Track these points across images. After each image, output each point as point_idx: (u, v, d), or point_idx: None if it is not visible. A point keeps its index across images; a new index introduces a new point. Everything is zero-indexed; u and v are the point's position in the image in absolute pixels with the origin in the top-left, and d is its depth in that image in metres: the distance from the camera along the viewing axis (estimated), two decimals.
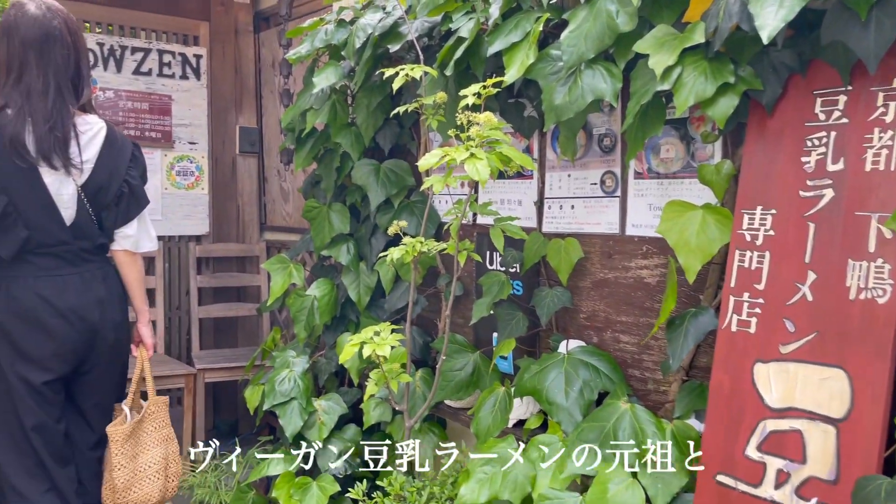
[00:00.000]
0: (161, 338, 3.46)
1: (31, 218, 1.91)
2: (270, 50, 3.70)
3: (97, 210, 2.03)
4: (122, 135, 2.11)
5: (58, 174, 1.91)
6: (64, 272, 1.98)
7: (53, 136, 1.87)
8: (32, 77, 1.87)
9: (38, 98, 1.87)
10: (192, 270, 3.59)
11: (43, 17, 1.90)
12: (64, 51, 1.92)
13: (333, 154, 2.38)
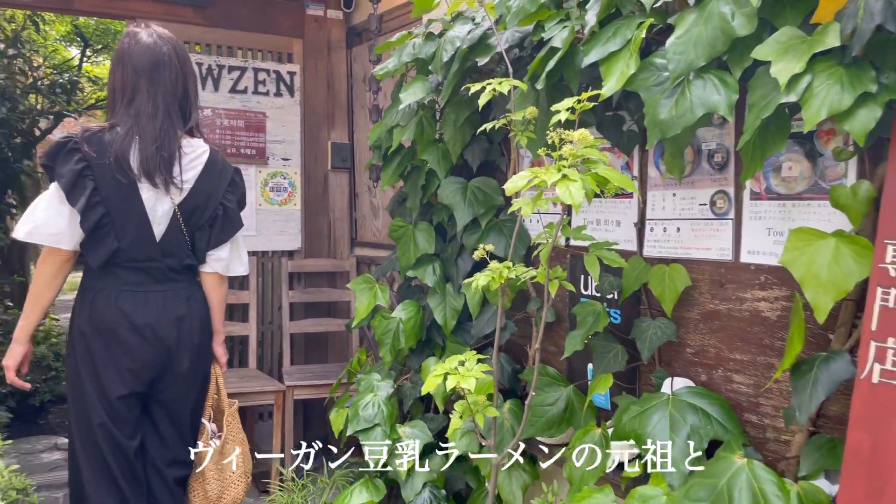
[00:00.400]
0: (254, 352, 3.49)
1: (123, 231, 1.96)
2: (362, 65, 3.69)
3: (191, 231, 2.08)
4: (224, 160, 2.15)
5: (155, 191, 1.98)
6: (148, 289, 2.02)
7: (160, 155, 1.95)
8: (143, 101, 1.96)
9: (147, 120, 1.95)
10: (285, 285, 3.60)
11: (154, 44, 1.99)
12: (172, 76, 2.00)
13: (419, 172, 2.29)
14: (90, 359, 1.98)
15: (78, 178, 1.88)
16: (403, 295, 2.46)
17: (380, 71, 2.28)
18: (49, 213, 1.91)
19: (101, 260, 1.95)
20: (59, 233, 1.92)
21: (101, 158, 1.90)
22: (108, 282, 1.99)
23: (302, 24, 3.67)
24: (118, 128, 1.93)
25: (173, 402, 2.10)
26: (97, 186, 1.90)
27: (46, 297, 2.00)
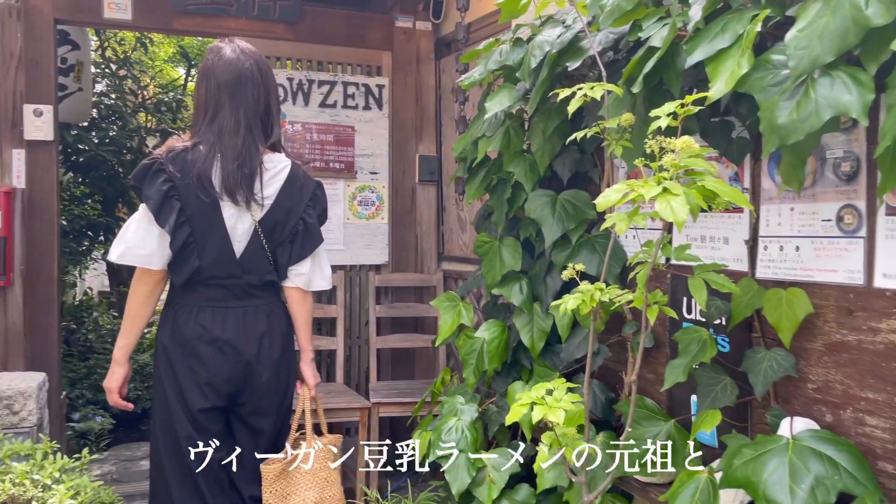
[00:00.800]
0: (341, 367, 3.46)
1: (205, 250, 1.98)
2: (450, 76, 3.62)
3: (273, 246, 2.07)
4: (305, 174, 2.14)
5: (237, 209, 1.98)
6: (228, 304, 2.02)
7: (241, 172, 1.95)
8: (225, 116, 1.96)
9: (229, 136, 1.95)
10: (372, 300, 3.56)
11: (237, 59, 1.99)
12: (255, 91, 2.00)
13: (505, 184, 2.18)
14: (172, 372, 2.00)
15: (165, 198, 1.90)
16: (488, 314, 2.35)
17: (465, 80, 2.19)
18: (139, 235, 1.94)
19: (184, 278, 1.98)
20: (149, 253, 1.94)
21: (185, 178, 1.92)
22: (190, 298, 2.01)
23: (391, 36, 3.64)
24: (201, 146, 1.94)
25: (252, 418, 2.08)
26: (183, 206, 1.92)
27: (143, 317, 2.04)
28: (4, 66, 3.02)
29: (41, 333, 3.15)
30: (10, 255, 3.03)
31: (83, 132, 5.20)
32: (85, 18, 3.19)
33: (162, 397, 2.02)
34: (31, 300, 3.13)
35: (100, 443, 4.09)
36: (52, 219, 3.15)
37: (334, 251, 3.58)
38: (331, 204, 3.54)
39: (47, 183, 3.13)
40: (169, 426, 2.00)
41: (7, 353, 3.09)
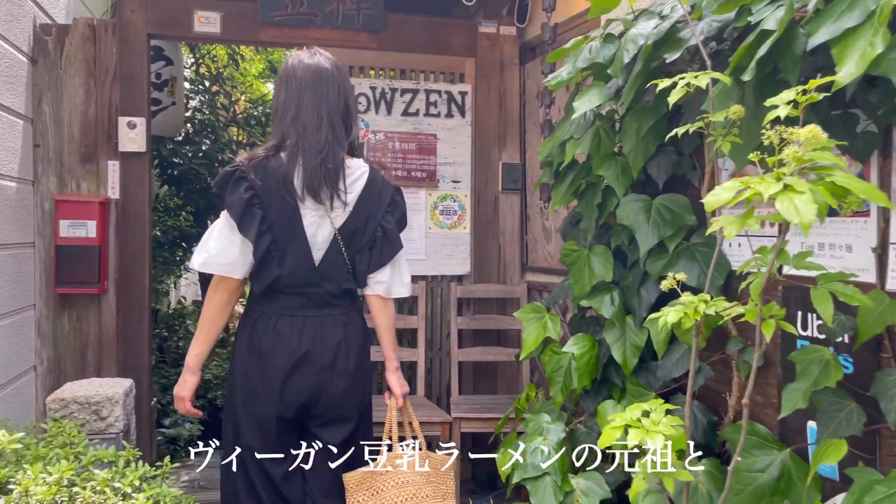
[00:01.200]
0: (422, 379, 3.39)
1: (285, 258, 1.95)
2: (535, 81, 3.51)
3: (351, 254, 2.03)
4: (383, 178, 2.09)
5: (316, 215, 1.95)
6: (306, 313, 1.99)
7: (325, 167, 1.91)
8: (308, 114, 1.93)
9: (312, 132, 1.92)
10: (453, 311, 3.48)
11: (316, 63, 2.00)
12: (335, 90, 1.99)
13: (595, 189, 2.05)
14: (246, 380, 1.98)
15: (247, 206, 1.88)
16: (576, 327, 2.21)
17: (552, 80, 2.08)
18: (221, 243, 1.91)
19: (264, 286, 1.95)
20: (231, 262, 1.92)
21: (267, 184, 1.89)
22: (269, 306, 1.99)
23: (474, 42, 3.57)
24: (282, 152, 1.93)
25: (325, 430, 2.03)
26: (264, 214, 1.90)
27: (219, 325, 2.01)
28: (101, 80, 3.13)
29: (133, 340, 3.23)
30: (105, 264, 3.12)
31: (178, 146, 5.39)
32: (176, 32, 3.27)
33: (233, 405, 2.01)
34: (124, 307, 3.21)
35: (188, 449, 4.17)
36: (144, 228, 3.23)
37: (416, 261, 3.52)
38: (412, 213, 3.51)
39: (140, 193, 3.22)
40: (239, 435, 1.99)
41: (100, 358, 3.18)
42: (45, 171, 3.10)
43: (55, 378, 3.13)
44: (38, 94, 3.07)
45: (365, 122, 3.46)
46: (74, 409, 2.21)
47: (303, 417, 2.02)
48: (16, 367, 2.86)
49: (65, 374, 3.15)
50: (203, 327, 2.00)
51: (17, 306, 2.89)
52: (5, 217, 2.75)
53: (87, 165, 3.14)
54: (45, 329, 3.12)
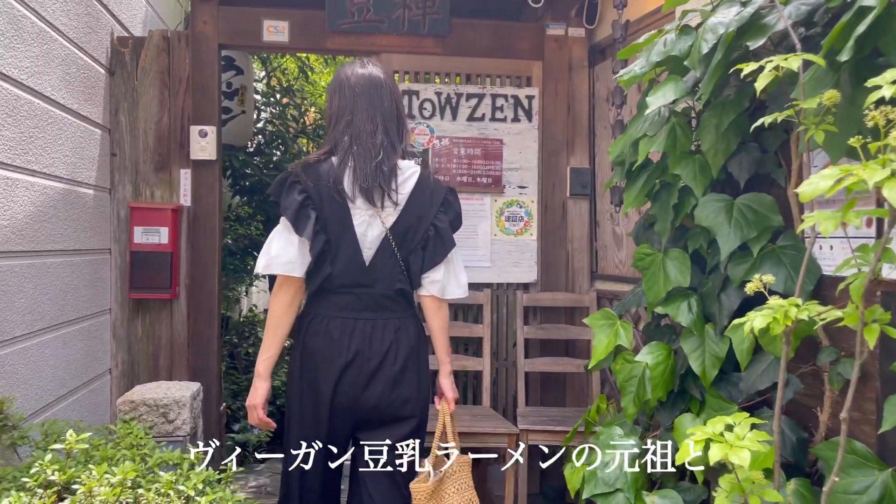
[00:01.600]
0: (487, 390, 3.32)
1: (336, 257, 1.99)
2: (605, 83, 3.41)
3: (405, 255, 2.05)
4: (436, 180, 2.12)
5: (366, 215, 1.99)
6: (357, 316, 2.02)
7: (380, 170, 1.96)
8: (363, 120, 1.99)
9: (367, 137, 1.97)
10: (520, 320, 3.40)
11: (369, 72, 2.06)
12: (388, 97, 2.04)
13: (671, 189, 1.94)
14: (300, 382, 2.03)
15: (300, 208, 1.94)
16: (650, 335, 2.10)
17: (624, 76, 1.99)
18: (281, 245, 1.98)
19: (316, 286, 2.00)
20: (291, 261, 1.97)
21: (319, 185, 1.96)
22: (322, 307, 2.03)
23: (541, 45, 3.50)
24: (334, 156, 1.98)
25: (377, 430, 2.04)
26: (318, 215, 1.96)
27: (284, 326, 2.04)
28: (174, 90, 3.21)
29: (203, 344, 3.29)
30: (177, 270, 3.19)
31: (249, 157, 5.50)
32: (246, 42, 3.33)
33: (289, 404, 2.07)
34: (195, 312, 3.27)
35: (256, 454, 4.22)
36: (214, 235, 3.28)
37: (481, 268, 3.46)
38: (478, 220, 3.46)
39: (210, 200, 3.28)
40: (294, 434, 2.03)
41: (172, 362, 3.24)
42: (122, 180, 3.19)
43: (128, 381, 3.21)
44: (115, 105, 3.17)
45: (430, 128, 3.43)
46: (143, 412, 2.24)
47: (355, 420, 2.03)
48: (91, 369, 2.93)
49: (138, 378, 3.22)
50: (269, 329, 2.02)
51: (94, 310, 2.97)
52: (83, 223, 2.84)
53: (160, 174, 3.22)
54: (119, 333, 3.20)
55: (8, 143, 2.18)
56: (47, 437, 2.14)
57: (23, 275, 2.28)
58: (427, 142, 3.43)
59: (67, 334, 2.68)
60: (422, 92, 3.42)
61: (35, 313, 2.37)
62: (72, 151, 2.71)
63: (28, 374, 2.31)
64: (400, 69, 3.43)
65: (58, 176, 2.57)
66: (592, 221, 3.52)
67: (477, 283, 3.47)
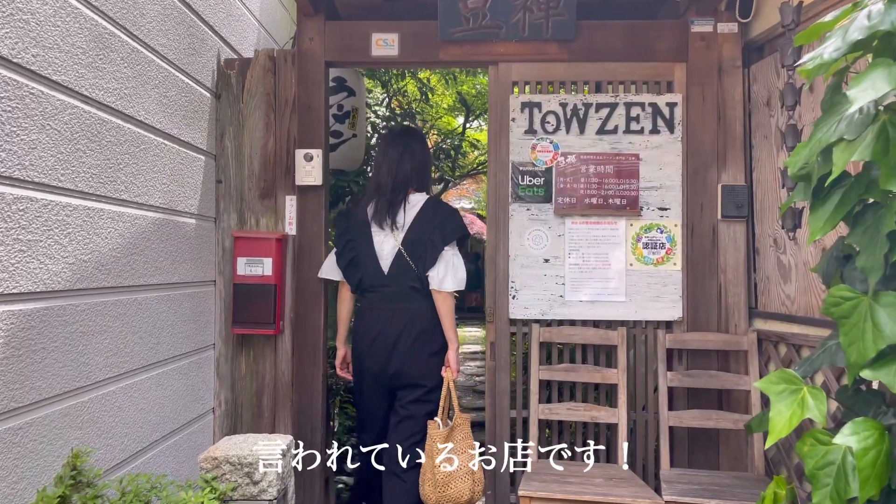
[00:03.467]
0: (623, 446, 2.83)
1: (364, 265, 2.86)
2: (765, 84, 2.87)
3: (415, 261, 2.80)
4: (443, 205, 2.95)
5: (382, 235, 2.84)
6: (381, 306, 2.84)
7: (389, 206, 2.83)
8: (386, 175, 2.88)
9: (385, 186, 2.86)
10: (661, 365, 2.90)
11: (398, 132, 3.04)
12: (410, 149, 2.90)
13: (881, 212, 1.43)
14: (355, 352, 2.93)
15: (342, 234, 2.91)
16: (850, 406, 1.58)
17: (808, 63, 1.51)
18: (332, 258, 2.96)
19: (354, 286, 2.91)
20: (332, 268, 2.96)
21: (354, 218, 2.91)
22: (364, 302, 2.91)
23: (685, 45, 3.02)
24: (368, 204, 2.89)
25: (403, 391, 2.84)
26: (350, 238, 2.89)
27: (344, 312, 3.02)
28: (280, 112, 3.02)
29: (306, 384, 3.05)
30: (280, 303, 2.97)
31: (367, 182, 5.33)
32: (354, 58, 3.10)
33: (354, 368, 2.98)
34: (299, 349, 3.04)
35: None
36: (320, 265, 3.05)
37: (614, 303, 3.00)
38: (611, 247, 3.01)
39: (316, 229, 3.05)
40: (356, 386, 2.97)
41: (276, 402, 3.02)
42: (227, 208, 3.03)
43: (232, 422, 3.02)
44: (221, 130, 3.03)
45: (554, 144, 3.03)
46: (226, 470, 1.99)
47: (387, 381, 2.84)
48: (191, 410, 2.76)
49: (240, 419, 3.03)
50: (339, 315, 3.06)
51: (196, 346, 2.80)
52: (183, 255, 2.68)
53: (265, 201, 3.04)
54: (223, 370, 3.02)
55: (90, 171, 2.02)
56: (124, 495, 1.93)
57: (107, 313, 2.11)
58: (550, 159, 3.03)
59: (163, 374, 2.51)
60: (544, 104, 3.04)
61: (122, 354, 2.20)
62: (170, 179, 2.55)
63: (111, 422, 2.12)
64: (520, 79, 3.07)
65: (152, 205, 2.41)
66: (750, 248, 2.97)
67: (609, 320, 3.02)
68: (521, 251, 3.04)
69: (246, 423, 3.03)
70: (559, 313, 3.03)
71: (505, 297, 3.05)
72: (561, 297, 3.03)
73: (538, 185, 3.03)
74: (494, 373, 3.06)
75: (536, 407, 2.93)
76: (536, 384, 2.95)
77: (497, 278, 3.07)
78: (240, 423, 3.03)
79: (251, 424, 3.02)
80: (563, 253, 3.03)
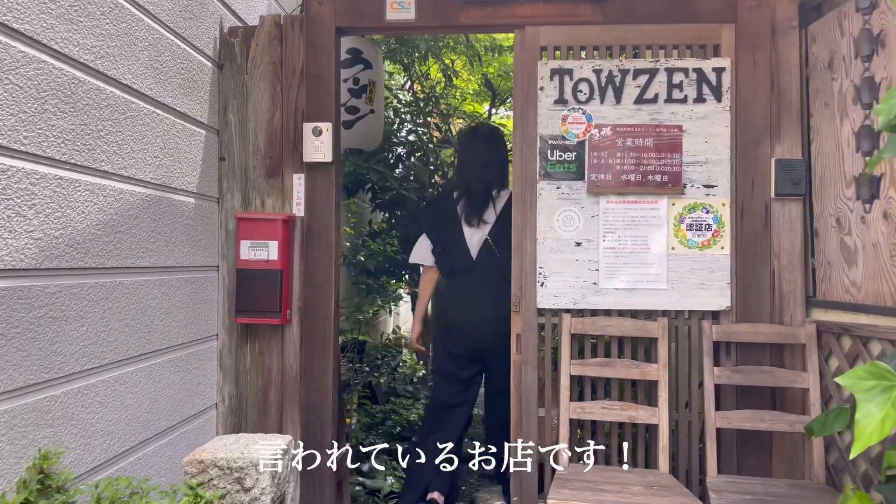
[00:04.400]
0: (664, 449, 2.55)
1: (454, 253, 3.20)
2: (826, 45, 2.55)
3: (500, 251, 3.10)
4: None
5: (471, 228, 3.17)
6: (469, 287, 3.18)
7: (480, 203, 3.18)
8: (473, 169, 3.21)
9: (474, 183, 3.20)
10: (707, 360, 2.60)
11: (484, 130, 3.42)
12: (496, 151, 3.24)
13: None
14: (443, 331, 3.28)
15: (430, 224, 3.28)
16: None
17: None
18: (423, 246, 3.29)
19: (445, 271, 3.25)
20: (427, 255, 3.27)
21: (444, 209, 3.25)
22: (452, 283, 3.24)
23: (734, 4, 2.71)
24: (454, 192, 3.25)
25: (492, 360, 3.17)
26: (443, 230, 3.21)
27: (428, 293, 3.35)
28: (287, 84, 2.78)
29: (315, 378, 2.80)
30: (287, 290, 2.74)
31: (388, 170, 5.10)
32: (367, 24, 2.84)
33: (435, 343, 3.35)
34: (308, 341, 2.80)
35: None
36: (330, 250, 2.81)
37: (653, 291, 2.71)
38: (651, 229, 2.71)
39: (326, 210, 2.80)
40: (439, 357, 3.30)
41: (283, 397, 2.79)
42: (231, 188, 2.80)
43: (236, 419, 2.80)
44: (224, 103, 2.80)
45: (587, 115, 2.75)
46: (214, 475, 1.75)
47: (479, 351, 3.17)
48: (191, 405, 2.53)
49: (245, 415, 2.80)
50: (419, 296, 3.40)
51: (196, 337, 2.58)
52: (180, 236, 2.45)
53: (271, 180, 2.80)
54: (227, 363, 2.80)
55: (62, 136, 1.79)
56: (100, 501, 1.71)
57: (85, 297, 1.89)
58: (583, 132, 2.74)
59: (156, 366, 2.29)
60: (576, 71, 2.75)
61: (104, 343, 1.98)
62: (163, 152, 2.32)
63: (90, 419, 1.90)
64: (548, 44, 2.79)
65: (140, 180, 2.19)
66: (808, 229, 2.66)
67: (648, 309, 2.73)
68: (551, 234, 2.76)
69: (251, 421, 2.80)
70: (592, 302, 2.74)
71: (532, 285, 2.77)
72: (594, 285, 2.74)
73: (569, 161, 2.75)
74: (521, 367, 2.79)
75: (567, 405, 2.66)
76: (567, 380, 2.67)
77: (524, 264, 2.79)
78: (244, 421, 2.80)
79: (256, 422, 2.79)
80: (598, 235, 2.74)
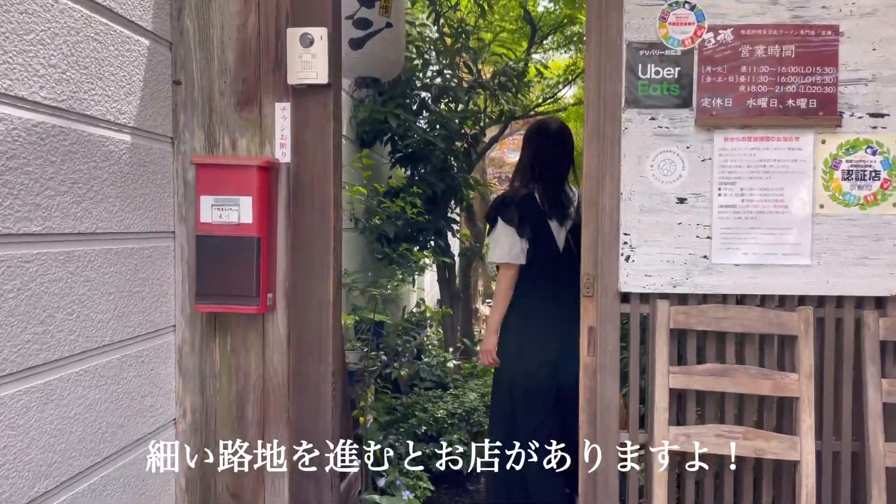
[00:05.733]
0: (811, 495, 1.75)
1: (539, 250, 2.95)
2: None
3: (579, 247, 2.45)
4: None
5: (555, 225, 2.99)
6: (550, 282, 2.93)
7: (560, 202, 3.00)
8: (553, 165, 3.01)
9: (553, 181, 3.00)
10: (871, 366, 1.79)
11: (558, 126, 3.15)
12: (569, 148, 3.10)
13: None
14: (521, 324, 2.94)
15: (521, 219, 2.92)
16: None
17: None
18: (512, 243, 2.91)
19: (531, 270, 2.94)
20: (518, 254, 2.92)
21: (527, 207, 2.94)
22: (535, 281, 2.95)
23: None
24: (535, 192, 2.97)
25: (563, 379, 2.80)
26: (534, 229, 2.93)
27: (509, 297, 2.94)
28: None
29: (310, 388, 2.04)
30: (267, 267, 1.95)
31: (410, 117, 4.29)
32: None
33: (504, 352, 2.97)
34: (299, 336, 2.03)
35: None
36: (327, 209, 2.01)
37: (792, 268, 1.88)
38: (789, 178, 1.78)
39: (322, 153, 2.00)
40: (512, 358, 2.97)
41: (264, 414, 2.04)
42: (189, 123, 2.01)
43: (200, 439, 2.06)
44: (179, 3, 1.99)
45: (696, 12, 1.90)
46: None
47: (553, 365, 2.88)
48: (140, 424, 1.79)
49: (214, 433, 2.06)
50: (497, 299, 2.99)
51: (130, 334, 1.81)
52: (105, 190, 1.68)
53: (245, 111, 2.00)
54: (188, 365, 2.04)
55: None
56: None
57: None
58: (690, 38, 1.89)
59: (90, 371, 1.56)
60: None
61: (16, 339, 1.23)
62: (66, 62, 1.53)
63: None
64: None
65: (23, 98, 1.40)
66: None
67: (783, 294, 1.90)
68: (641, 186, 1.94)
69: (222, 441, 2.05)
70: (701, 284, 1.93)
71: (613, 259, 1.96)
72: (705, 259, 1.92)
73: (670, 80, 1.90)
74: (595, 374, 1.99)
75: (665, 430, 1.86)
76: (665, 395, 1.87)
77: (601, 229, 1.98)
78: (213, 441, 2.05)
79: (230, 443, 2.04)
80: (710, 188, 1.91)
